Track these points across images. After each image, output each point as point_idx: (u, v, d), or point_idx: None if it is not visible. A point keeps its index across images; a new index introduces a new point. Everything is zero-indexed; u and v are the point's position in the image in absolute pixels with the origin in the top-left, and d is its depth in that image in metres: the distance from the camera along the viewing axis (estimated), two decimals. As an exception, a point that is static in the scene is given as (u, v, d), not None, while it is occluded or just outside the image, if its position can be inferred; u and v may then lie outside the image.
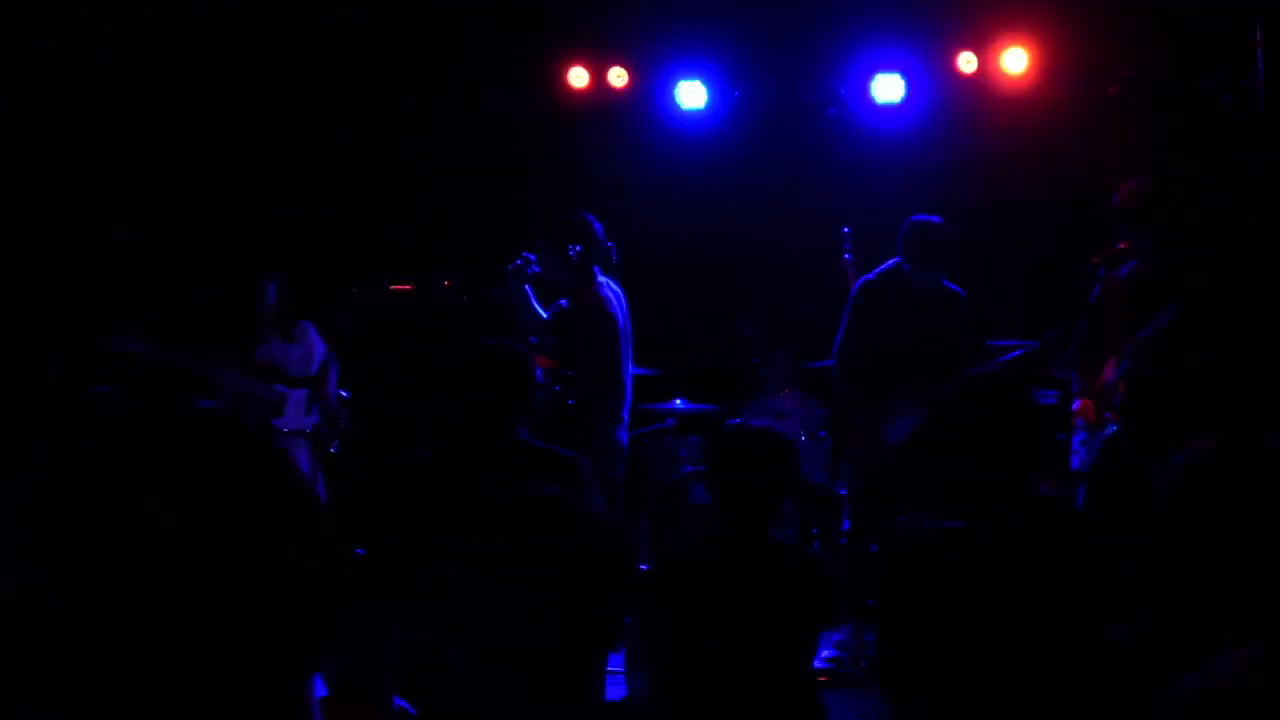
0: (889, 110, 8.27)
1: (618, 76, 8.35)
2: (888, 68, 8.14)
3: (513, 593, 2.38)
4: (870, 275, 6.49)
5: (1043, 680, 3.14)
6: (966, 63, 8.03)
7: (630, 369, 6.10)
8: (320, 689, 4.12)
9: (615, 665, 4.81)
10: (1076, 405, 5.99)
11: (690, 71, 8.33)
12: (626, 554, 2.00)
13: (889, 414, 6.35)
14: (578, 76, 8.37)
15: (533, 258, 6.14)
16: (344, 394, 7.33)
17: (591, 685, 1.92)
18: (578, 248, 6.05)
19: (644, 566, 4.31)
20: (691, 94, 8.34)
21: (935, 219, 6.25)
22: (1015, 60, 8.01)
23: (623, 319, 6.09)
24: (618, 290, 6.20)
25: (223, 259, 8.45)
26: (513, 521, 2.01)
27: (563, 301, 6.28)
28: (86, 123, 7.85)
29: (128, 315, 7.58)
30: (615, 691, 4.85)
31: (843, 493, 6.89)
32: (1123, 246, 5.85)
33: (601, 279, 6.16)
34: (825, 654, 6.01)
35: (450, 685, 3.53)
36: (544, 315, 6.17)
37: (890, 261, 6.41)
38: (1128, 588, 3.48)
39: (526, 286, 6.14)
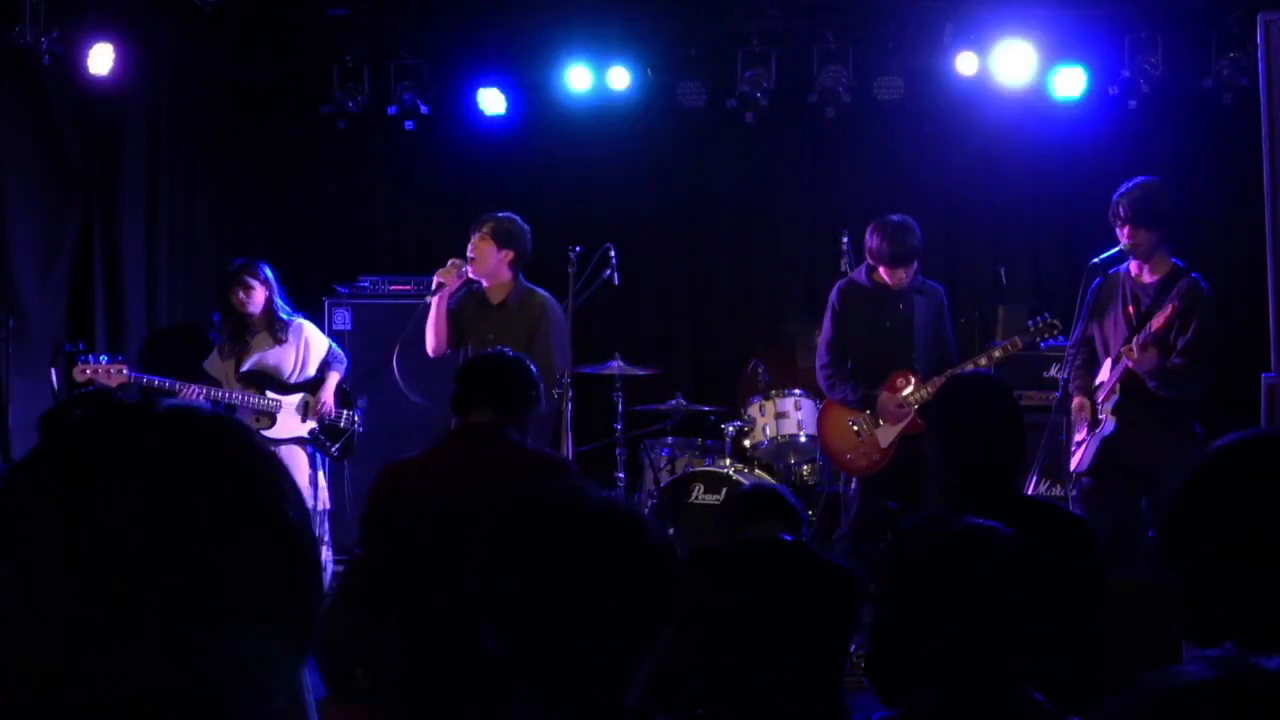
0: (885, 110, 8.27)
1: (617, 77, 8.33)
2: (885, 68, 8.14)
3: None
4: (845, 279, 6.55)
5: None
6: (966, 63, 8.00)
7: None
8: (319, 690, 4.13)
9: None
10: (1074, 402, 6.00)
11: (688, 72, 8.32)
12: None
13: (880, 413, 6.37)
14: (577, 78, 8.36)
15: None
16: (361, 399, 7.19)
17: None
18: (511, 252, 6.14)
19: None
20: (690, 94, 8.33)
21: (896, 217, 6.31)
22: (1015, 61, 7.99)
23: None
24: None
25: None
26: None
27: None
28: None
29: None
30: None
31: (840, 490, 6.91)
32: (1121, 247, 5.86)
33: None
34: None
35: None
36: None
37: (865, 264, 6.47)
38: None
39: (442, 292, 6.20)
